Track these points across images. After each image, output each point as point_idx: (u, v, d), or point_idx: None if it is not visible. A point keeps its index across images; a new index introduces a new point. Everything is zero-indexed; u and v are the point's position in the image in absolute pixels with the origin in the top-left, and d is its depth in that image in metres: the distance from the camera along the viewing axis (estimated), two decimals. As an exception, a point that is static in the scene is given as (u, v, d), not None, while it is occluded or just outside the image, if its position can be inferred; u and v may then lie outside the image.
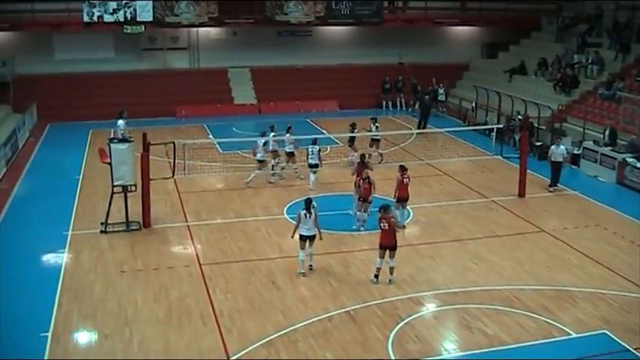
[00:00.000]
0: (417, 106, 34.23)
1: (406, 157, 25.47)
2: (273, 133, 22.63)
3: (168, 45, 37.10)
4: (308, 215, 15.29)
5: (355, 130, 24.22)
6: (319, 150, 21.90)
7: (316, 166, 21.73)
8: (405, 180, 18.48)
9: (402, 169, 18.72)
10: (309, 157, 21.75)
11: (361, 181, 18.27)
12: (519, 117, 27.44)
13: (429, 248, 17.32)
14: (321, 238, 15.59)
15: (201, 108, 34.34)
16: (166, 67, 37.05)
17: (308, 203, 15.43)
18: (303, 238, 15.44)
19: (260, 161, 22.32)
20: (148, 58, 36.90)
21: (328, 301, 14.36)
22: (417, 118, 32.51)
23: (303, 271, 15.54)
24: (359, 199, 18.31)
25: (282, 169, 22.97)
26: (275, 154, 22.78)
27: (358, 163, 19.89)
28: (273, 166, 22.79)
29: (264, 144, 22.13)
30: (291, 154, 22.69)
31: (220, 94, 35.93)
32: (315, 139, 22.50)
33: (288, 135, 22.48)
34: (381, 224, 15.11)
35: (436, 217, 19.73)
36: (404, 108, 36.24)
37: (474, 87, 33.20)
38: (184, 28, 35.97)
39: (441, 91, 34.93)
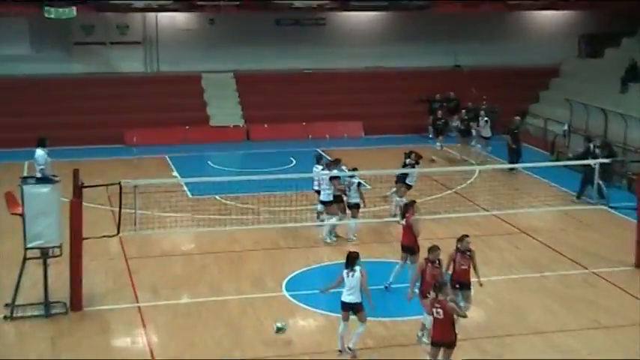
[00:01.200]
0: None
1: (463, 205, 25.52)
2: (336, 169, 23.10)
3: (112, 38, 37.73)
4: (350, 274, 16.05)
5: (410, 162, 24.92)
6: (359, 184, 22.77)
7: (357, 206, 22.65)
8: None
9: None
10: (348, 194, 22.61)
11: (429, 264, 17.07)
12: (594, 145, 27.45)
13: (496, 343, 17.26)
14: (371, 306, 16.19)
15: (162, 132, 34.82)
16: (110, 70, 37.68)
17: (352, 258, 16.25)
18: (343, 306, 16.17)
19: (326, 202, 22.67)
20: (83, 57, 37.53)
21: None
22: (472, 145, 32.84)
23: (340, 349, 16.34)
24: (421, 295, 17.11)
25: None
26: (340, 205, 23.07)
27: (405, 221, 19.58)
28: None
29: (338, 177, 22.56)
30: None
31: (190, 112, 36.47)
32: (355, 170, 23.07)
33: (335, 171, 23.03)
34: (434, 310, 15.04)
35: (508, 296, 19.74)
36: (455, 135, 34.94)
37: (566, 101, 33.38)
38: (138, 13, 36.59)
39: (482, 122, 32.79)
